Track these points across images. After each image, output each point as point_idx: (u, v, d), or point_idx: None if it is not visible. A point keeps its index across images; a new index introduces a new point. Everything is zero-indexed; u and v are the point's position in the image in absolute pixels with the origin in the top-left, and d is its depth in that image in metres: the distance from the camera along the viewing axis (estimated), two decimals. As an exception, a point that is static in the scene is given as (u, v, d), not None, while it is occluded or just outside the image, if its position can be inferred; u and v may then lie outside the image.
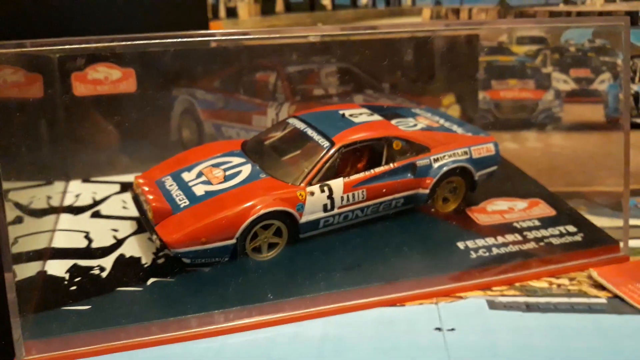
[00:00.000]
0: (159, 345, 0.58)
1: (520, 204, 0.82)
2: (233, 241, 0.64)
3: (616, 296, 0.65)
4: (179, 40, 0.64)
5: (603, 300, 0.65)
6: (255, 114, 0.91)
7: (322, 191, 0.68)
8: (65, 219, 0.78)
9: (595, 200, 0.96)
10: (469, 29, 0.94)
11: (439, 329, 0.60)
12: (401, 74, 0.96)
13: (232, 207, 0.64)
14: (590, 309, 0.63)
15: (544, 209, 0.81)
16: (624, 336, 0.58)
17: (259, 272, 0.66)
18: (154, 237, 0.64)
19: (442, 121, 0.85)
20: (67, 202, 0.83)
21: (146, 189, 0.69)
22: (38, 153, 0.82)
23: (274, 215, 0.65)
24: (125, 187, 0.86)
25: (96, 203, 0.82)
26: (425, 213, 0.77)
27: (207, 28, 1.03)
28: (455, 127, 0.83)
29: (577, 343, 0.57)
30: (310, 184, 0.68)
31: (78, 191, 0.85)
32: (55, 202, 0.81)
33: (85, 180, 0.88)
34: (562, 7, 1.09)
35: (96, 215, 0.79)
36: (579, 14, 1.08)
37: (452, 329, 0.60)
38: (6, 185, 0.76)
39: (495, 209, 0.81)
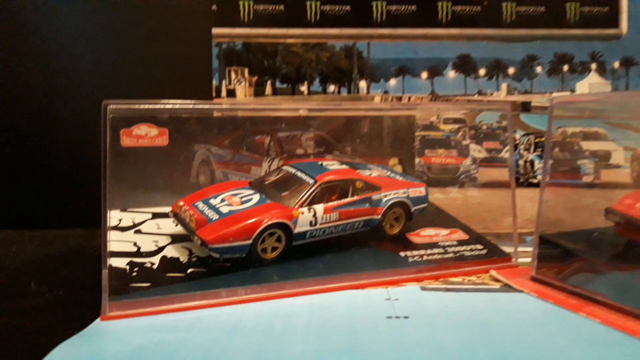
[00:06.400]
0: (200, 309, 0.80)
1: (444, 232, 1.15)
2: (250, 242, 0.93)
3: (506, 285, 0.97)
4: (202, 107, 0.96)
5: (498, 287, 0.96)
6: (253, 166, 1.22)
7: (310, 211, 0.99)
8: (114, 234, 1.05)
9: (501, 236, 1.29)
10: (407, 109, 1.31)
11: (388, 299, 0.90)
12: (359, 141, 1.31)
13: (249, 219, 0.94)
14: (488, 289, 0.95)
15: (461, 235, 1.14)
16: (509, 305, 0.90)
17: (267, 265, 0.95)
18: (195, 238, 0.93)
19: (388, 173, 1.19)
20: (112, 223, 1.09)
21: (186, 207, 0.98)
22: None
23: (277, 226, 0.95)
24: (156, 215, 1.14)
25: (136, 225, 1.09)
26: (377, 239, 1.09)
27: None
28: (398, 177, 1.17)
29: (478, 308, 0.88)
30: (301, 206, 0.99)
31: (119, 217, 1.12)
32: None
33: (123, 210, 1.16)
34: (475, 98, 1.49)
35: (138, 232, 1.06)
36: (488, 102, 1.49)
37: (397, 299, 0.90)
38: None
39: (426, 234, 1.13)
